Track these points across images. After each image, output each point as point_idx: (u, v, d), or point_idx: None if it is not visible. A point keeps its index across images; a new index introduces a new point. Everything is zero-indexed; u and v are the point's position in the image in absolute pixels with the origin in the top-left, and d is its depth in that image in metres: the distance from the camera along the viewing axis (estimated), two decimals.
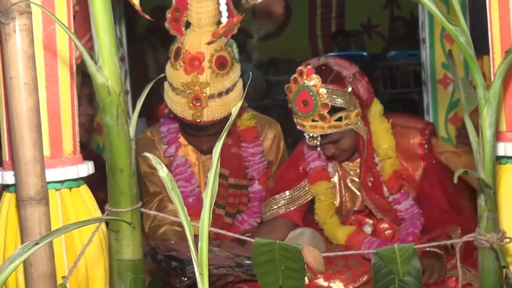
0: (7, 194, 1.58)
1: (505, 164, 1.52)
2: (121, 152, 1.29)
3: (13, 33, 1.33)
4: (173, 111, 2.60)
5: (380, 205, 2.53)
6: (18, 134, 1.35)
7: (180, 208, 0.92)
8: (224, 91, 2.55)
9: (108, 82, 1.25)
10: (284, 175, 2.73)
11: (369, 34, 9.10)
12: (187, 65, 2.49)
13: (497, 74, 1.31)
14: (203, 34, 2.49)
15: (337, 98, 2.37)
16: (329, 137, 2.43)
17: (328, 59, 2.50)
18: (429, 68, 3.21)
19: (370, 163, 2.52)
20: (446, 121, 3.21)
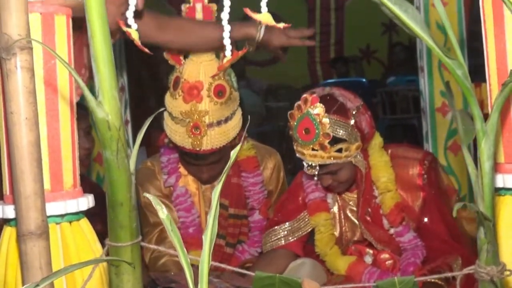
0: (8, 228, 1.58)
1: (504, 195, 1.52)
2: (121, 186, 1.29)
3: (14, 68, 1.34)
4: (172, 140, 2.61)
5: (379, 237, 2.53)
6: (19, 169, 1.36)
7: (180, 251, 0.93)
8: (223, 119, 2.57)
9: (108, 117, 1.25)
10: (283, 206, 2.73)
11: (368, 60, 9.15)
12: (186, 94, 2.51)
13: (494, 107, 1.32)
14: (201, 63, 2.53)
15: (339, 129, 2.38)
16: (328, 168, 2.43)
17: (333, 90, 2.50)
18: (428, 96, 3.22)
19: (369, 196, 2.52)
20: (446, 149, 3.21)
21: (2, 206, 1.56)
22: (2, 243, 1.59)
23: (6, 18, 1.34)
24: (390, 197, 2.49)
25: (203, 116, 2.51)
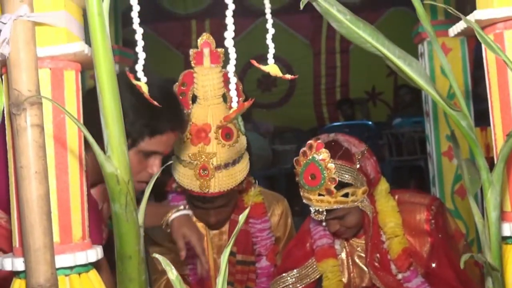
0: (17, 280, 1.57)
1: (511, 244, 1.52)
2: (130, 240, 1.29)
3: (25, 123, 1.36)
4: (180, 184, 2.62)
5: (388, 283, 2.52)
6: (29, 222, 1.36)
7: None
8: (230, 162, 2.57)
9: (117, 171, 1.26)
10: (291, 253, 2.73)
11: (374, 102, 9.17)
12: (194, 137, 2.52)
13: (500, 157, 1.32)
14: (209, 106, 2.54)
15: (345, 173, 2.38)
16: (335, 213, 2.43)
17: (338, 136, 2.52)
18: (434, 140, 3.22)
19: (377, 241, 2.51)
20: (452, 193, 3.20)
21: (11, 258, 1.56)
22: None
23: (16, 74, 1.36)
24: (398, 242, 2.48)
25: (211, 158, 2.51)
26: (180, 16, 7.95)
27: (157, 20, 7.31)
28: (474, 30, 1.28)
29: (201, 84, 2.53)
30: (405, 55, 1.29)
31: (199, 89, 2.55)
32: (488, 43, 1.25)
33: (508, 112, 1.51)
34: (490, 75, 1.55)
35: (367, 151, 2.49)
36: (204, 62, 2.53)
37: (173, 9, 7.90)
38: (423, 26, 3.01)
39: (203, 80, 2.53)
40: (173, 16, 7.87)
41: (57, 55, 1.54)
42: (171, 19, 7.86)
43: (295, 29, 8.60)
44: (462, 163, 1.45)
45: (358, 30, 1.27)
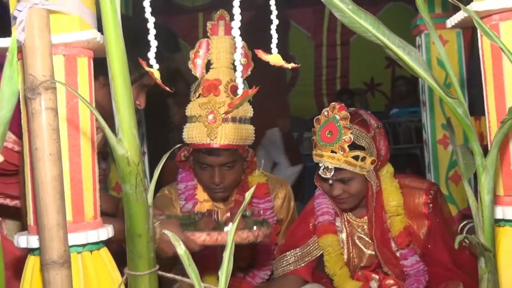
0: (32, 257, 1.58)
1: (504, 226, 1.52)
2: (140, 219, 1.30)
3: (39, 107, 1.36)
4: (189, 139, 2.65)
5: (387, 259, 2.52)
6: (43, 202, 1.36)
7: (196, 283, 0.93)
8: (237, 117, 2.62)
9: (127, 154, 1.26)
10: (294, 232, 2.73)
11: (372, 92, 9.13)
12: (205, 89, 2.61)
13: (494, 143, 1.32)
14: (221, 68, 2.64)
15: (360, 137, 2.43)
16: (341, 174, 2.45)
17: (359, 110, 2.58)
18: (430, 129, 3.22)
19: (380, 217, 2.51)
20: (447, 179, 3.20)
21: (26, 236, 1.56)
22: (26, 271, 1.59)
23: (31, 60, 1.36)
24: (400, 220, 2.50)
25: (219, 107, 2.57)
26: (188, 9, 7.92)
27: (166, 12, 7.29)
28: (473, 18, 1.28)
29: (215, 49, 2.65)
30: (404, 44, 1.29)
31: (214, 54, 2.65)
32: (486, 31, 1.24)
33: (502, 100, 1.50)
34: (485, 65, 1.55)
35: (382, 128, 2.51)
36: (219, 32, 2.66)
37: (181, 2, 7.87)
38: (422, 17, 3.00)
39: (217, 46, 2.65)
40: (181, 9, 7.83)
41: (71, 42, 1.54)
42: (179, 12, 7.83)
43: (297, 23, 8.57)
44: (457, 149, 1.45)
45: (359, 20, 1.27)
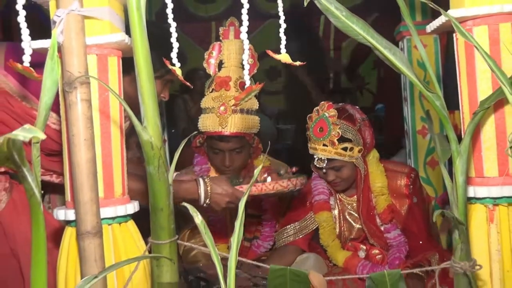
0: (69, 228, 1.58)
1: (475, 204, 1.51)
2: (161, 195, 1.29)
3: (75, 99, 1.35)
4: (203, 128, 2.66)
5: (373, 233, 2.53)
6: (79, 181, 1.36)
7: (212, 249, 0.92)
8: (245, 109, 2.62)
9: (151, 139, 1.26)
10: (293, 209, 2.74)
11: (361, 91, 9.12)
12: (217, 85, 2.62)
13: (467, 131, 1.32)
14: (231, 68, 2.65)
15: (347, 131, 2.42)
16: (333, 163, 2.46)
17: (345, 105, 2.57)
18: (410, 121, 3.21)
19: (367, 196, 2.52)
20: (425, 164, 3.19)
21: (65, 210, 1.56)
22: (64, 241, 1.59)
23: (68, 59, 1.35)
24: (384, 199, 2.50)
25: (229, 100, 2.58)
26: (202, 18, 7.89)
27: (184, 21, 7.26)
28: (452, 21, 1.27)
29: (226, 50, 2.65)
30: (390, 45, 1.28)
31: (225, 55, 2.66)
32: (462, 32, 1.23)
33: (475, 95, 1.49)
34: (460, 64, 1.54)
35: (366, 120, 2.51)
36: (230, 37, 2.66)
37: (196, 13, 7.85)
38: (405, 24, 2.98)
39: (228, 48, 2.65)
40: (197, 18, 7.81)
41: (102, 44, 1.53)
42: (195, 21, 7.81)
43: None
44: (435, 137, 1.44)
45: (352, 24, 1.26)
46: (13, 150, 0.67)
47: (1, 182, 2.03)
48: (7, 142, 0.65)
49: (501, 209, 1.49)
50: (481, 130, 1.49)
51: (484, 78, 1.48)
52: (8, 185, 2.05)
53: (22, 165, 0.71)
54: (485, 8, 1.46)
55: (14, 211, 2.02)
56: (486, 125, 1.49)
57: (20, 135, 0.63)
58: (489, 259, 1.48)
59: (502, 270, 1.47)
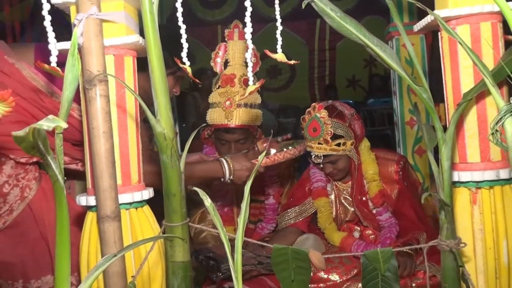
0: (90, 213, 1.58)
1: (459, 187, 1.51)
2: (174, 181, 1.29)
3: (95, 95, 1.35)
4: (211, 121, 2.66)
5: (366, 216, 2.52)
6: (98, 169, 1.36)
7: (220, 229, 0.92)
8: (248, 104, 2.62)
9: (164, 131, 1.25)
10: (294, 194, 2.73)
11: (354, 87, 9.09)
12: (223, 82, 2.63)
13: (451, 121, 1.31)
14: (235, 66, 2.65)
15: (338, 128, 2.40)
16: (329, 158, 2.45)
17: (334, 102, 2.54)
18: (399, 113, 3.19)
19: (360, 183, 2.51)
20: (413, 152, 3.18)
21: (86, 197, 1.57)
22: (86, 224, 1.59)
23: (88, 59, 1.35)
24: (375, 185, 2.49)
25: (234, 96, 2.58)
26: (210, 22, 7.89)
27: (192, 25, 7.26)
28: (437, 20, 1.26)
29: (231, 50, 2.65)
30: (381, 43, 1.27)
31: (230, 54, 2.66)
32: (448, 30, 1.22)
33: (458, 88, 1.48)
34: (444, 60, 1.53)
35: (356, 114, 2.50)
36: (234, 38, 2.66)
37: (204, 17, 7.84)
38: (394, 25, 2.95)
39: (233, 48, 2.65)
40: (204, 22, 7.81)
41: (119, 45, 1.53)
42: (203, 25, 7.80)
43: (294, 32, 8.53)
44: (422, 127, 1.43)
45: (346, 24, 1.25)
46: (38, 139, 0.66)
47: (31, 172, 2.03)
48: (33, 132, 0.65)
49: (483, 192, 1.48)
50: (464, 119, 1.49)
51: (467, 73, 1.47)
52: (38, 175, 2.05)
53: (46, 153, 0.71)
54: (466, 8, 1.45)
55: (43, 198, 2.03)
56: (469, 115, 1.48)
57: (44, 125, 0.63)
58: (473, 238, 1.48)
59: (484, 247, 1.47)
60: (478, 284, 1.47)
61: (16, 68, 1.97)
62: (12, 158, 1.96)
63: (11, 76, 1.96)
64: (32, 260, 2.04)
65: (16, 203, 1.99)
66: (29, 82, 1.97)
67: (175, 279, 1.32)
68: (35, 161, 2.03)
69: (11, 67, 1.97)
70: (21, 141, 0.63)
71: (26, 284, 2.05)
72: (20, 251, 2.03)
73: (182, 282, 1.32)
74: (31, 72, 1.97)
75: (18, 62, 1.98)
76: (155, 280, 1.59)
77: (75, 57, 1.00)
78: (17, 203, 1.99)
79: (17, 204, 1.99)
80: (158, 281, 1.59)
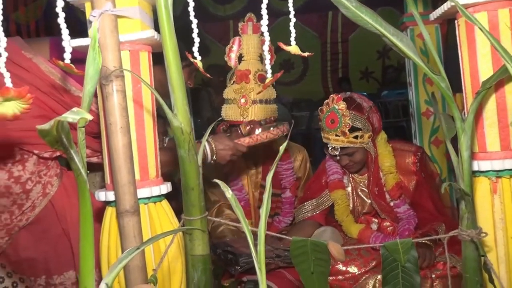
0: (109, 208, 1.59)
1: (478, 177, 1.49)
2: (192, 175, 1.29)
3: (112, 91, 1.35)
4: (226, 117, 2.64)
5: (383, 208, 2.51)
6: (117, 165, 1.36)
7: (242, 220, 0.92)
8: (264, 99, 2.58)
9: (181, 125, 1.25)
10: (310, 187, 2.73)
11: (367, 79, 9.04)
12: (238, 78, 2.59)
13: (470, 110, 1.29)
14: (250, 61, 2.60)
15: (356, 121, 2.38)
16: (346, 150, 2.44)
17: (353, 94, 2.52)
18: (415, 104, 3.17)
19: (377, 176, 2.50)
20: (430, 143, 3.16)
21: (105, 192, 1.57)
22: (105, 219, 1.60)
23: (104, 55, 1.35)
24: (392, 177, 2.48)
25: (249, 92, 2.55)
26: (221, 17, 7.88)
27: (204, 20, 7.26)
28: (457, 6, 1.24)
29: (245, 45, 2.60)
30: (397, 32, 1.25)
31: (244, 49, 2.61)
32: (468, 16, 1.21)
33: (476, 76, 1.47)
34: (462, 48, 1.51)
35: (374, 107, 2.48)
36: (248, 31, 2.61)
37: (215, 12, 7.83)
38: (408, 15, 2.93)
39: (247, 42, 2.60)
40: (216, 17, 7.80)
41: (134, 40, 1.53)
42: (214, 20, 7.80)
43: (306, 25, 8.50)
44: (440, 116, 1.41)
45: (361, 14, 1.23)
46: (61, 133, 0.67)
47: (53, 169, 2.05)
48: (57, 125, 0.65)
49: (504, 181, 1.47)
50: (483, 108, 1.47)
51: (485, 61, 1.45)
52: (59, 171, 2.07)
53: (69, 147, 0.71)
54: None
55: (65, 194, 2.04)
56: (488, 103, 1.46)
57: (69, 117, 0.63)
58: (494, 227, 1.46)
59: (505, 236, 1.46)
60: (500, 273, 1.46)
61: (34, 63, 1.99)
62: (35, 153, 1.98)
63: (30, 71, 1.97)
64: (54, 256, 2.06)
65: (39, 200, 2.00)
66: (47, 77, 1.98)
67: (195, 273, 1.32)
68: (57, 155, 2.05)
69: (29, 62, 1.98)
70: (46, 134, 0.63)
71: (48, 280, 2.07)
72: (43, 247, 2.05)
73: (202, 275, 1.32)
74: (49, 66, 1.99)
75: (35, 57, 2.00)
76: (175, 274, 1.60)
77: (96, 50, 1.01)
78: (39, 199, 2.00)
79: (39, 201, 2.01)
80: (178, 275, 1.60)
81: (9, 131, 1.90)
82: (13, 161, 1.95)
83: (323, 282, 1.31)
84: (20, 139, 1.92)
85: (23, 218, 2.00)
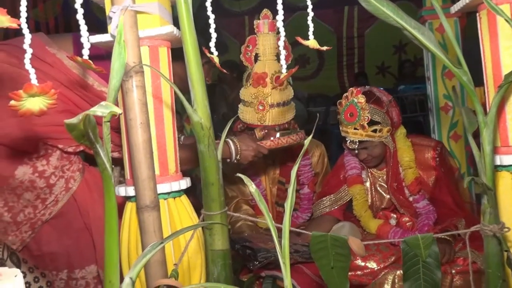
0: (129, 203, 1.60)
1: (501, 171, 1.48)
2: (212, 171, 1.29)
3: (131, 87, 1.36)
4: (243, 120, 2.64)
5: (402, 203, 2.50)
6: (137, 160, 1.37)
7: (266, 214, 0.91)
8: (281, 102, 2.58)
9: (201, 120, 1.25)
10: (328, 182, 2.72)
11: (383, 74, 8.99)
12: (254, 81, 2.57)
13: (492, 103, 1.28)
14: (267, 61, 2.58)
15: (375, 114, 2.37)
16: (364, 144, 2.43)
17: (372, 88, 2.50)
18: (433, 98, 3.14)
19: (395, 171, 2.48)
20: (448, 138, 3.14)
21: (125, 187, 1.58)
22: (125, 214, 1.61)
23: None
24: (411, 172, 2.46)
25: (266, 97, 2.54)
26: (236, 13, 7.88)
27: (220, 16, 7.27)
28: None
29: (261, 44, 2.58)
30: (419, 25, 1.24)
31: (260, 48, 2.59)
32: (493, 7, 1.19)
33: (498, 70, 1.45)
34: (483, 42, 1.49)
35: (393, 101, 2.46)
36: (264, 30, 2.58)
37: (231, 8, 7.84)
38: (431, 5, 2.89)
39: (263, 42, 2.57)
40: (231, 13, 7.80)
41: (153, 36, 1.53)
42: (230, 16, 7.80)
43: (322, 20, 8.48)
44: (462, 110, 1.40)
45: (382, 7, 1.22)
46: (88, 127, 0.67)
47: (76, 164, 2.07)
48: (84, 120, 0.65)
49: None
50: (506, 102, 1.45)
51: (507, 54, 1.44)
52: (81, 166, 2.09)
53: (95, 141, 0.71)
54: None
55: (87, 190, 2.06)
56: (511, 97, 1.44)
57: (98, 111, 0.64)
58: None
59: None
60: None
61: (58, 58, 2.00)
62: (60, 148, 2.00)
63: (54, 66, 1.99)
64: (76, 250, 2.08)
65: (61, 194, 2.02)
66: (71, 72, 2.00)
67: (215, 268, 1.32)
68: (80, 150, 2.07)
69: (53, 58, 2.00)
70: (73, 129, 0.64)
71: (70, 274, 2.09)
72: (65, 242, 2.06)
73: (222, 271, 1.32)
74: (72, 61, 2.01)
75: (59, 52, 2.02)
76: (195, 269, 1.60)
77: (121, 45, 1.01)
78: (62, 194, 2.02)
79: (62, 195, 2.02)
80: (198, 270, 1.60)
81: (34, 126, 1.92)
82: (38, 156, 1.97)
83: (343, 277, 1.30)
84: (45, 134, 1.94)
85: (46, 213, 2.01)
